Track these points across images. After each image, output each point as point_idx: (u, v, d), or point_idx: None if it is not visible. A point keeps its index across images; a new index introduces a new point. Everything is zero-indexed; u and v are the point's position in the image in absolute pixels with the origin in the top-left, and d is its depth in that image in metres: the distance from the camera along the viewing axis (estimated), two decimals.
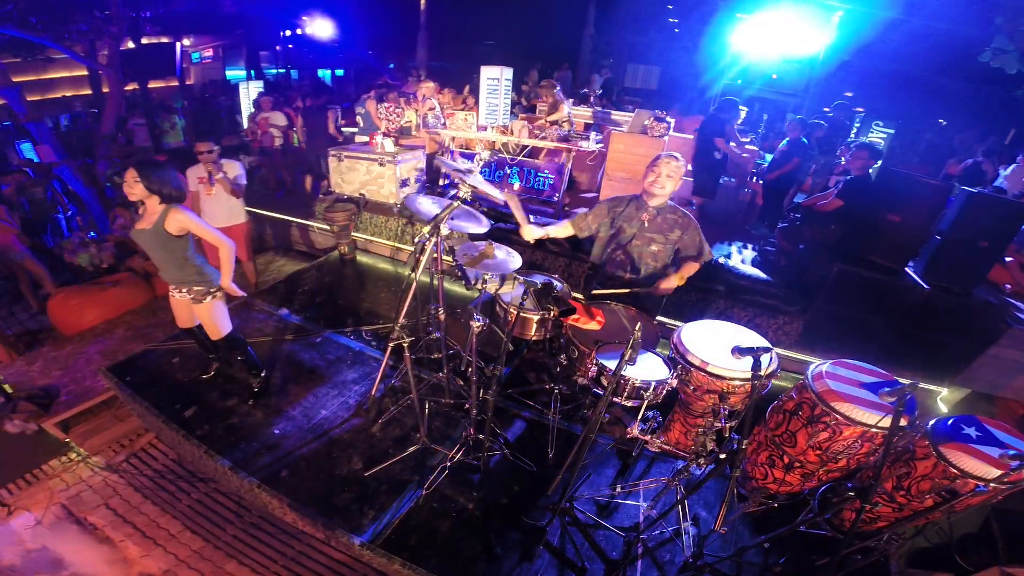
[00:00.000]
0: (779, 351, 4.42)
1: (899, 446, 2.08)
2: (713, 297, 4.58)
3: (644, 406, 2.08)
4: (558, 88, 6.50)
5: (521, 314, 2.47)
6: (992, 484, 1.84)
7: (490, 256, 2.48)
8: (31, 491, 3.09)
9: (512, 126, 5.74)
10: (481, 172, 5.83)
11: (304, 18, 13.23)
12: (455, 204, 2.29)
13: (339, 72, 15.91)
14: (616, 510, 2.78)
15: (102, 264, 5.49)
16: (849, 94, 11.25)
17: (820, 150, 6.98)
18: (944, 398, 4.28)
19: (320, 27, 12.93)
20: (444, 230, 2.35)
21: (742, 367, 2.11)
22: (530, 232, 3.05)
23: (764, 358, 1.76)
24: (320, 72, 15.83)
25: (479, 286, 2.50)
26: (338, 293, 4.95)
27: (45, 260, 5.63)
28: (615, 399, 2.16)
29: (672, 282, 2.76)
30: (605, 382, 2.20)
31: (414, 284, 2.44)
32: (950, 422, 2.00)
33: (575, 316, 2.18)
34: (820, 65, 10.25)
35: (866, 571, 2.31)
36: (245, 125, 8.44)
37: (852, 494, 1.70)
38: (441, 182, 6.13)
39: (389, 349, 2.56)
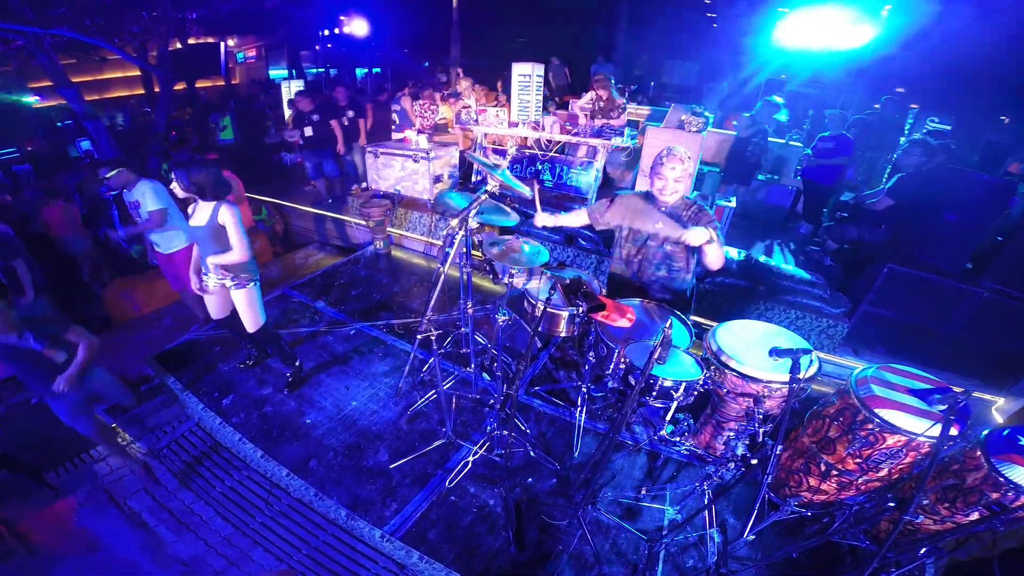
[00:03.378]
0: (822, 355, 4.26)
1: (948, 456, 1.95)
2: (753, 297, 4.42)
3: (674, 407, 2.03)
4: (613, 80, 6.38)
5: (549, 310, 2.44)
6: None
7: (517, 251, 2.46)
8: (78, 475, 3.24)
9: (544, 122, 5.71)
10: (511, 168, 5.83)
11: (342, 18, 13.49)
12: (483, 198, 2.28)
13: (376, 71, 16.20)
14: (640, 513, 2.73)
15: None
16: (901, 89, 10.67)
17: (868, 146, 6.65)
18: (999, 408, 4.01)
19: (357, 26, 13.19)
20: (473, 224, 2.34)
21: (779, 369, 2.02)
22: (541, 218, 2.94)
23: (804, 360, 1.68)
24: (357, 71, 16.16)
25: (507, 281, 2.49)
26: (373, 287, 5.05)
27: (102, 251, 5.94)
28: (643, 398, 2.11)
29: (695, 235, 2.29)
30: (633, 381, 2.15)
31: (442, 278, 2.45)
32: (1006, 432, 1.86)
33: (604, 312, 2.14)
34: (868, 59, 9.74)
35: None
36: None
37: (892, 505, 1.60)
38: (474, 178, 6.15)
39: (417, 343, 2.58)
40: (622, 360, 2.19)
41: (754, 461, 1.66)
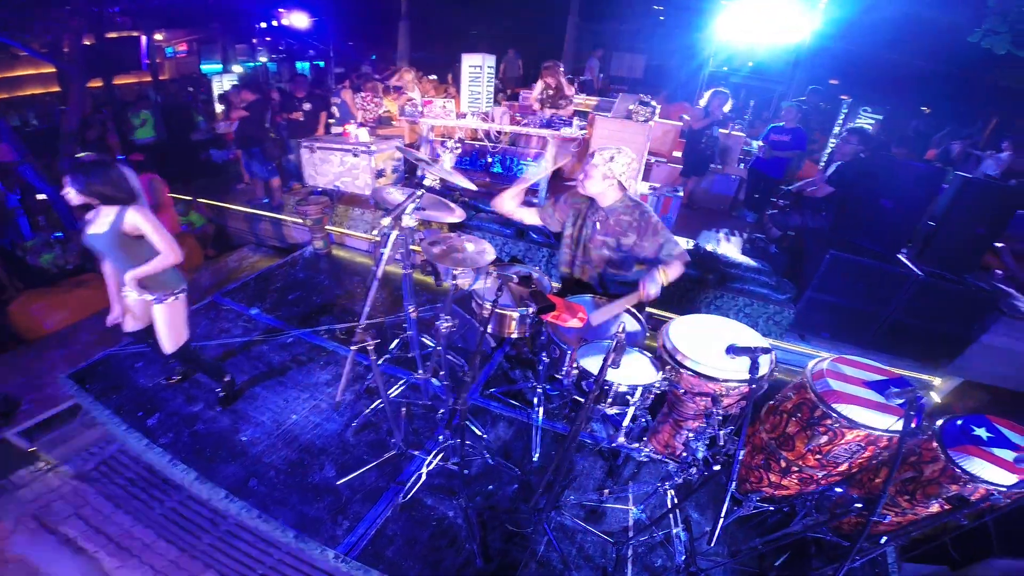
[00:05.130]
0: (771, 341, 4.33)
1: (905, 449, 1.93)
2: (702, 286, 4.45)
3: (631, 413, 1.91)
4: (562, 68, 6.27)
5: (497, 311, 2.29)
6: (1008, 491, 1.71)
7: (460, 250, 2.28)
8: (1, 502, 2.95)
9: (493, 112, 5.52)
10: (460, 161, 5.62)
11: (281, 9, 12.81)
12: (418, 194, 2.09)
13: (319, 63, 15.50)
14: (604, 515, 2.67)
15: (67, 265, 5.22)
16: (834, 81, 11.15)
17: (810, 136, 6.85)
18: (936, 388, 4.19)
19: (298, 18, 12.55)
20: (411, 221, 2.15)
21: (737, 368, 1.94)
22: (504, 202, 2.83)
23: (763, 360, 1.59)
24: (298, 64, 15.41)
25: (452, 282, 2.30)
26: (312, 290, 4.74)
27: (4, 262, 5.32)
28: (598, 406, 1.98)
29: (651, 288, 2.33)
30: (587, 388, 2.02)
31: (376, 282, 2.25)
32: (959, 422, 1.85)
33: (555, 313, 1.99)
34: (806, 51, 10.12)
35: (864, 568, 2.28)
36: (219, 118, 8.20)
37: (859, 506, 1.54)
38: (420, 172, 5.90)
39: (352, 353, 2.36)
40: (574, 366, 2.05)
41: (717, 467, 1.55)
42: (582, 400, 1.88)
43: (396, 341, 3.74)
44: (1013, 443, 1.79)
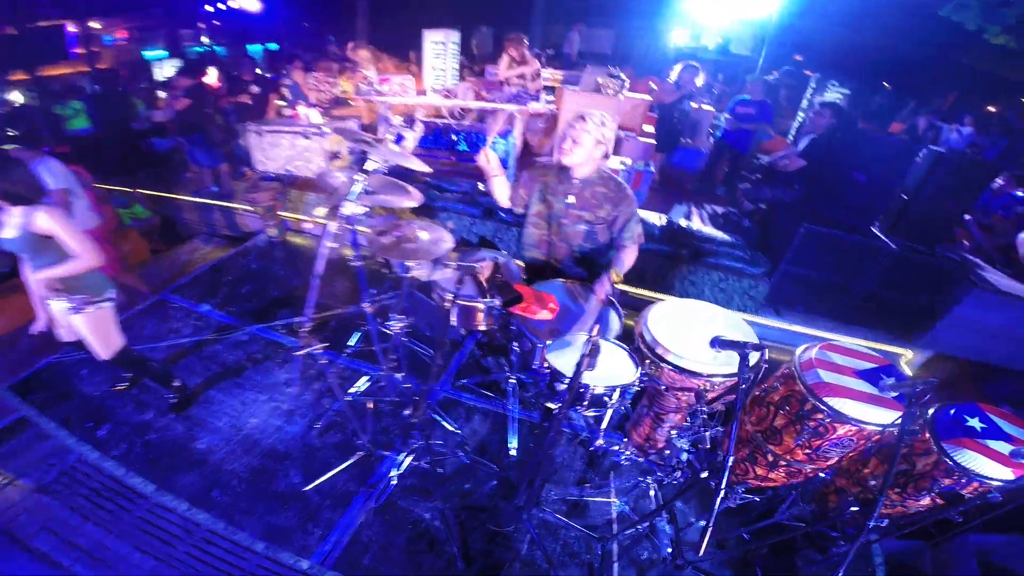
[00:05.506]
0: (746, 316, 4.27)
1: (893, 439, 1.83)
2: (676, 262, 4.34)
3: (608, 415, 1.75)
4: (527, 41, 6.03)
5: (461, 303, 2.10)
6: (1005, 486, 1.63)
7: (412, 239, 2.05)
8: None
9: (456, 89, 5.22)
10: (424, 140, 5.32)
11: None
12: (358, 179, 1.86)
13: (272, 46, 14.62)
14: (587, 508, 2.58)
15: (2, 268, 4.73)
16: (799, 57, 11.17)
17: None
18: (907, 360, 4.21)
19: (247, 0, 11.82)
20: (357, 208, 1.91)
21: (723, 361, 1.80)
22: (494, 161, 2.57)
23: (752, 356, 1.43)
24: (250, 48, 14.51)
25: (408, 275, 2.09)
26: (268, 281, 4.43)
27: None
28: (573, 410, 1.80)
29: (606, 286, 2.30)
30: (561, 387, 1.85)
31: (316, 280, 2.01)
32: (952, 412, 1.76)
33: (523, 304, 1.81)
34: (773, 27, 10.06)
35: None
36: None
37: (855, 509, 1.43)
38: (364, 155, 5.57)
39: (303, 351, 2.13)
40: (545, 364, 1.86)
41: (704, 474, 1.40)
42: (553, 406, 1.71)
43: (358, 334, 3.51)
44: (1007, 434, 1.71)
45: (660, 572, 2.33)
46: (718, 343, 1.54)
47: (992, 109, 9.47)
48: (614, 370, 1.96)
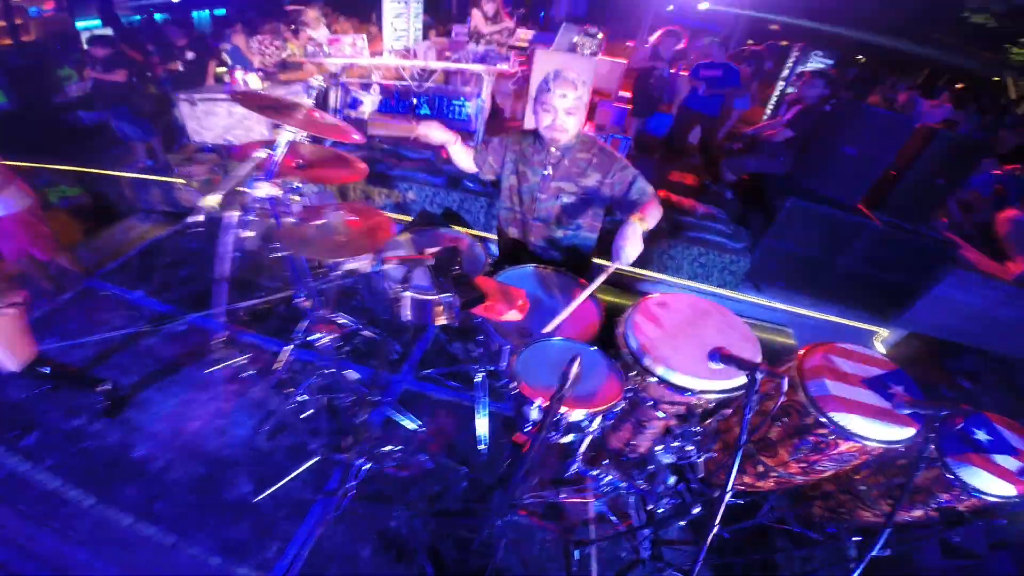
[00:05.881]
0: (723, 292, 4.13)
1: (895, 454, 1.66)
2: (655, 235, 4.09)
3: (586, 442, 1.52)
4: None
5: (414, 296, 1.80)
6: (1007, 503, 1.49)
7: (339, 231, 1.69)
8: None
9: (417, 48, 4.72)
10: (384, 104, 4.86)
11: None
12: (255, 160, 1.51)
13: (219, 12, 13.31)
14: (564, 509, 2.45)
15: None
16: (775, 27, 10.94)
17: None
18: (881, 339, 4.16)
19: None
20: (270, 190, 1.57)
21: (720, 377, 1.56)
22: (428, 128, 2.22)
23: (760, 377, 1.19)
24: (195, 14, 13.19)
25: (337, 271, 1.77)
26: (208, 263, 3.99)
27: None
28: (550, 437, 1.54)
29: (630, 248, 1.82)
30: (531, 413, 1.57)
31: (226, 274, 1.68)
32: (959, 426, 1.59)
33: (486, 304, 1.53)
34: None
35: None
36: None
37: (858, 539, 1.25)
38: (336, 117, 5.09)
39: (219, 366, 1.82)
40: (512, 384, 1.58)
41: (696, 509, 1.19)
42: (523, 431, 1.46)
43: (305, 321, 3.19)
44: (1015, 448, 1.56)
45: (640, 574, 2.22)
46: (719, 357, 1.29)
47: (961, 86, 9.51)
48: (593, 385, 1.68)
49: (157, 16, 12.64)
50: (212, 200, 1.41)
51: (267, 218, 1.69)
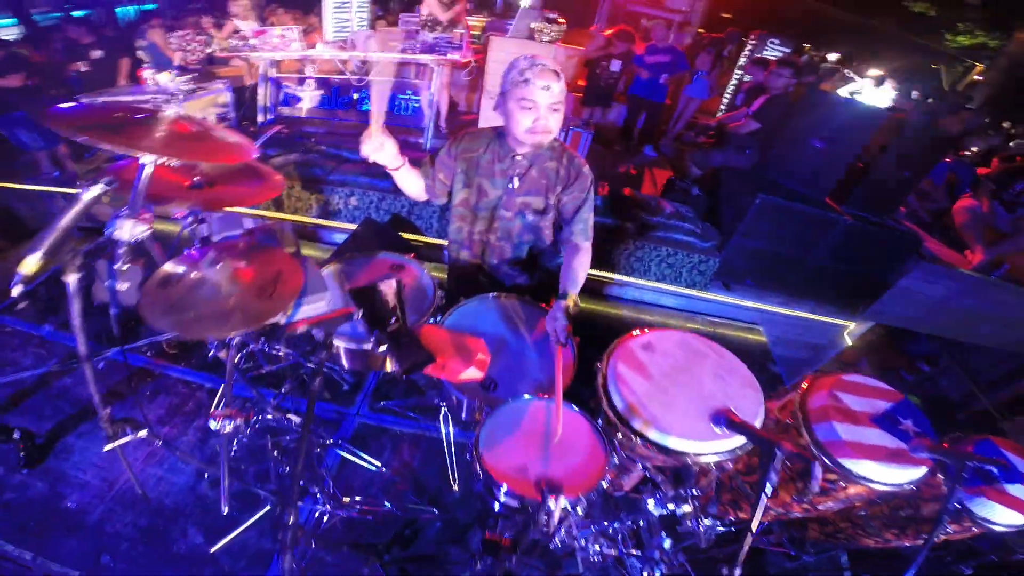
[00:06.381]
0: (693, 292, 3.99)
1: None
2: (621, 237, 3.93)
3: (566, 520, 1.28)
4: None
5: (344, 347, 1.51)
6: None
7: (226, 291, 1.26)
8: None
9: (355, 38, 4.30)
10: (323, 100, 4.44)
11: None
12: (85, 201, 1.16)
13: (147, 7, 12.18)
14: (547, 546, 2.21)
15: None
16: (727, 15, 10.94)
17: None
18: (850, 331, 4.13)
19: None
20: (134, 229, 1.22)
21: (719, 438, 1.29)
22: (375, 147, 1.68)
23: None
24: (119, 11, 12.00)
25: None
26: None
27: None
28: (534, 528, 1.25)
29: (563, 320, 1.59)
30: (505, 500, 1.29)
31: (85, 356, 1.33)
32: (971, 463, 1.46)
33: (437, 364, 1.25)
34: None
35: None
36: None
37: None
38: (262, 118, 4.60)
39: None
40: (477, 465, 1.28)
41: None
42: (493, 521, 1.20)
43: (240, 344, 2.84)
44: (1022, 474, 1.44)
45: None
46: (726, 423, 1.07)
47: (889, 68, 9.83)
48: (574, 457, 1.34)
49: (76, 14, 11.50)
50: (30, 265, 1.06)
51: (144, 261, 1.33)
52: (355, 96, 4.40)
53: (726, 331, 3.93)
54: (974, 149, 5.42)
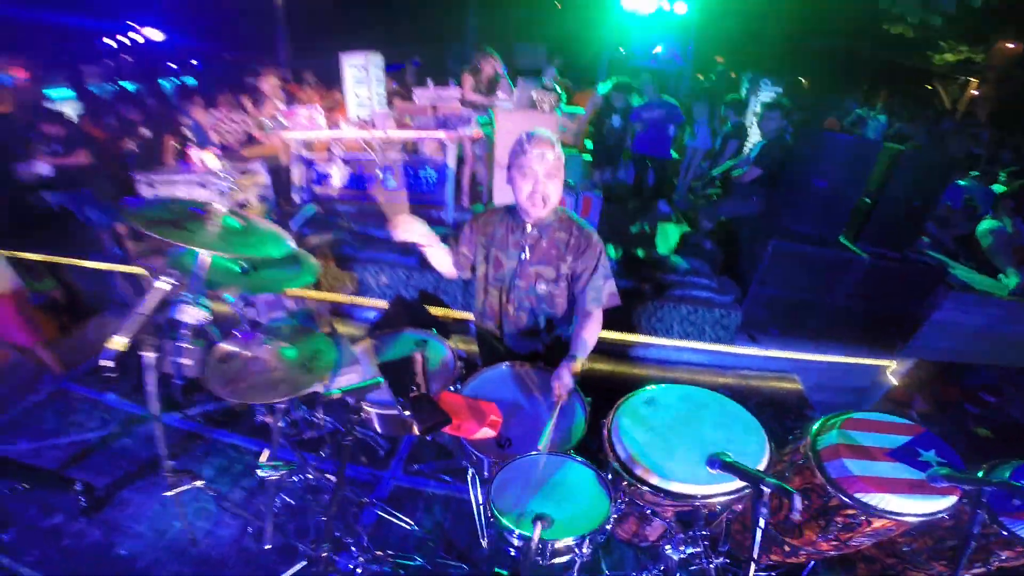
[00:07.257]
0: (721, 348, 3.93)
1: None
2: (639, 299, 3.92)
3: (578, 565, 1.32)
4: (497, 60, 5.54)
5: (379, 412, 1.63)
6: None
7: (269, 368, 1.53)
8: None
9: (375, 117, 4.72)
10: (350, 183, 4.83)
11: (130, 22, 11.17)
12: (159, 292, 1.39)
13: (190, 81, 13.73)
14: None
15: None
16: (720, 59, 11.37)
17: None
18: (892, 371, 3.98)
19: (153, 31, 11.03)
20: (197, 314, 1.42)
21: (721, 480, 1.35)
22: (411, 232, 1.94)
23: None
24: (162, 82, 13.55)
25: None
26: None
27: None
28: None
29: (565, 381, 1.70)
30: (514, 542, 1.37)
31: (157, 413, 1.51)
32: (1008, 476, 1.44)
33: (454, 425, 1.37)
34: (697, 30, 10.19)
35: None
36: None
37: None
38: (297, 198, 5.00)
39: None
40: (490, 510, 1.37)
41: None
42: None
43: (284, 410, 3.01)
44: None
45: None
46: (719, 465, 1.12)
47: (885, 94, 9.87)
48: (579, 500, 1.44)
49: (127, 85, 12.80)
50: (119, 342, 1.26)
51: (205, 340, 1.53)
52: (379, 174, 4.75)
53: (759, 383, 3.82)
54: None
